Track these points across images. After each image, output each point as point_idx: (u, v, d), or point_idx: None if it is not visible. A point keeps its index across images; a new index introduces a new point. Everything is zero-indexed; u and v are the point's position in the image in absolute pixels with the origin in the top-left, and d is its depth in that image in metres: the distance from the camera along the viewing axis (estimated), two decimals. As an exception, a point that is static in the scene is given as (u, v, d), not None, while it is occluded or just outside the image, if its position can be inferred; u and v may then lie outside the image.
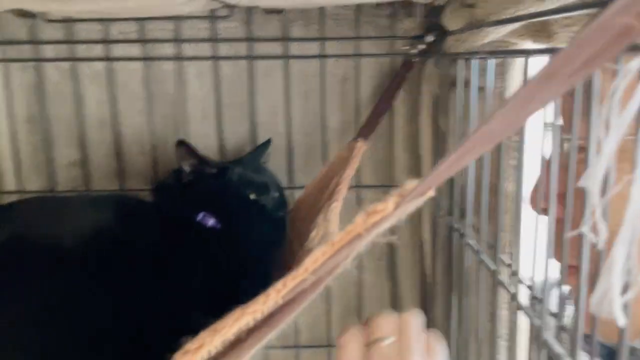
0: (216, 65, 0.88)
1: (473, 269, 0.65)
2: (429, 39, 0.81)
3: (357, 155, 0.75)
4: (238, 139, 0.91)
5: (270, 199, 0.75)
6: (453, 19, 0.74)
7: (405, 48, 0.84)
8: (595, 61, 0.23)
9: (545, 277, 0.46)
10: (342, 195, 0.68)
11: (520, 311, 0.52)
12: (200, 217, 0.69)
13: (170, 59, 0.88)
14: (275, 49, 0.88)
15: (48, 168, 0.89)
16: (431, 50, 0.83)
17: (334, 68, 0.89)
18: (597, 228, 0.31)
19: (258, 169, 0.80)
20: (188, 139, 0.89)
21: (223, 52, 0.88)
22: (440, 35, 0.80)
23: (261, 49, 0.88)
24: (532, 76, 0.24)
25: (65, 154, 0.90)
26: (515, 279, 0.54)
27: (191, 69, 0.88)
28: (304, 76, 0.89)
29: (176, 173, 0.77)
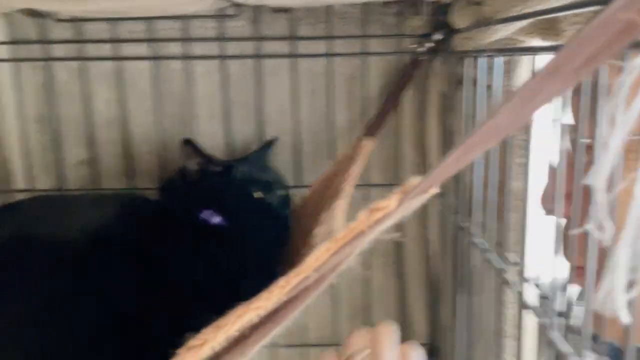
0: (224, 64, 0.88)
1: (480, 267, 0.65)
2: (437, 37, 0.81)
3: (364, 153, 0.75)
4: (245, 137, 0.91)
5: (275, 197, 0.75)
6: (460, 16, 0.73)
7: (412, 46, 0.84)
8: (598, 57, 0.23)
9: (553, 276, 0.46)
10: (348, 192, 0.68)
11: (527, 310, 0.52)
12: (205, 215, 0.70)
13: (178, 58, 0.88)
14: (283, 48, 0.88)
15: (57, 167, 0.90)
16: (439, 48, 0.83)
17: (342, 67, 0.89)
18: (603, 226, 0.31)
19: (263, 167, 0.80)
20: (196, 137, 0.89)
21: (230, 51, 0.88)
22: (448, 33, 0.80)
23: (268, 48, 0.88)
24: (536, 72, 0.24)
25: (74, 153, 0.91)
26: (522, 277, 0.53)
27: (199, 68, 0.89)
28: (311, 75, 0.89)
29: (182, 171, 0.77)
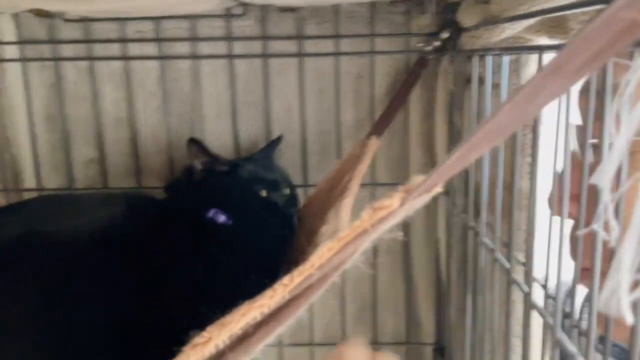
0: (231, 63, 0.88)
1: (488, 267, 0.65)
2: (444, 35, 0.81)
3: (370, 152, 0.75)
4: (253, 136, 0.91)
5: (280, 196, 0.76)
6: (468, 15, 0.73)
7: (420, 45, 0.83)
8: (601, 56, 0.23)
9: (559, 276, 0.45)
10: (354, 191, 0.68)
11: (534, 310, 0.51)
12: (211, 214, 0.70)
13: (186, 58, 0.88)
14: (290, 47, 0.88)
15: (66, 166, 0.91)
16: (446, 47, 0.82)
17: (349, 66, 0.89)
18: (609, 226, 0.31)
19: (269, 166, 0.80)
20: (203, 137, 0.90)
21: (238, 51, 0.88)
22: (455, 31, 0.80)
23: (276, 47, 0.88)
24: (538, 71, 0.24)
25: (83, 152, 0.91)
26: (529, 278, 0.53)
27: (206, 67, 0.89)
28: (318, 74, 0.89)
29: (188, 170, 0.77)
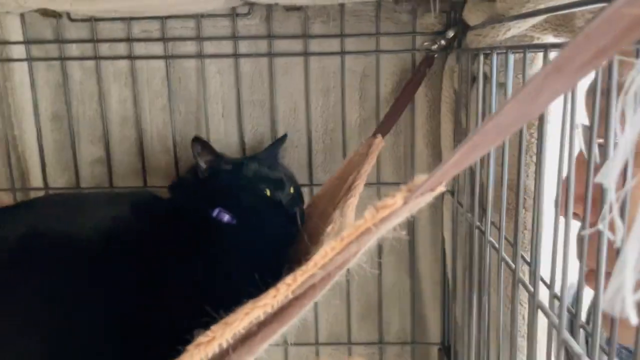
0: (236, 62, 0.88)
1: (493, 267, 0.65)
2: (450, 34, 0.80)
3: (375, 151, 0.75)
4: (258, 136, 0.91)
5: (285, 195, 0.75)
6: (474, 13, 0.73)
7: (425, 44, 0.83)
8: (604, 54, 0.23)
9: (564, 276, 0.45)
10: (359, 190, 0.68)
11: (540, 310, 0.51)
12: (216, 213, 0.70)
13: (192, 57, 0.89)
14: (295, 46, 0.88)
15: (72, 165, 0.91)
16: (451, 45, 0.82)
17: (354, 65, 0.89)
18: (614, 225, 0.31)
19: (274, 165, 0.80)
20: (209, 136, 0.90)
21: (243, 50, 0.88)
22: (461, 30, 0.79)
23: (281, 46, 0.88)
24: (540, 69, 0.24)
25: (89, 152, 0.92)
26: (534, 277, 0.53)
27: (212, 66, 0.89)
28: (323, 73, 0.89)
29: (192, 170, 0.77)
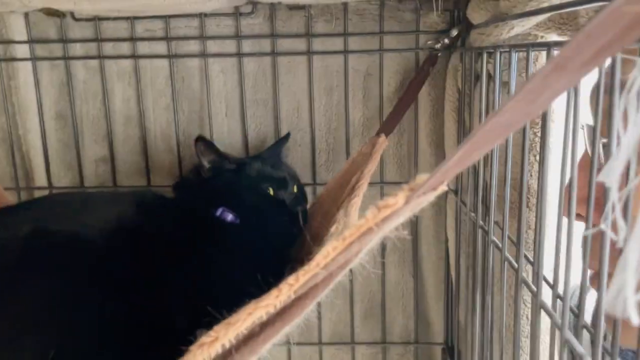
0: (240, 61, 0.88)
1: (497, 266, 0.64)
2: (453, 33, 0.80)
3: (379, 150, 0.75)
4: (262, 135, 0.91)
5: (288, 194, 0.75)
6: (477, 12, 0.72)
7: (429, 43, 0.83)
8: (606, 52, 0.22)
9: (567, 276, 0.45)
10: (363, 190, 0.68)
11: (543, 310, 0.51)
12: (219, 213, 0.70)
13: (195, 56, 0.89)
14: (299, 45, 0.88)
15: (76, 164, 0.91)
16: (455, 44, 0.82)
17: (357, 64, 0.88)
18: (617, 225, 0.30)
19: (277, 164, 0.80)
20: (212, 135, 0.90)
21: (247, 49, 0.88)
22: (464, 29, 0.79)
23: (284, 45, 0.88)
24: (541, 68, 0.24)
25: (93, 151, 0.92)
26: (537, 277, 0.53)
27: (215, 65, 0.89)
28: (327, 72, 0.89)
29: (196, 169, 0.77)
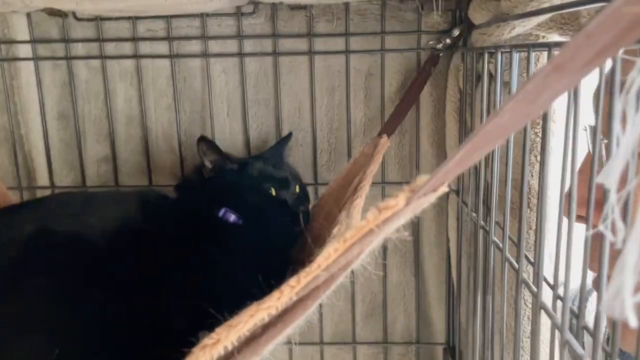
0: (241, 61, 0.88)
1: (498, 266, 0.64)
2: (455, 33, 0.80)
3: (381, 151, 0.74)
4: (263, 135, 0.91)
5: (290, 194, 0.75)
6: (479, 12, 0.72)
7: (431, 43, 0.83)
8: (606, 53, 0.22)
9: (567, 277, 0.45)
10: (365, 191, 0.68)
11: (543, 310, 0.51)
12: (222, 213, 0.70)
13: (197, 56, 0.89)
14: (300, 45, 0.88)
15: (78, 164, 0.92)
16: (457, 44, 0.82)
17: (359, 64, 0.88)
18: (616, 227, 0.30)
19: (279, 164, 0.80)
20: (214, 135, 0.90)
21: (248, 49, 0.88)
22: (466, 29, 0.79)
23: (286, 45, 0.88)
24: (541, 68, 0.23)
25: (95, 151, 0.92)
26: (538, 278, 0.52)
27: (217, 65, 0.89)
28: (328, 72, 0.89)
29: (198, 169, 0.77)
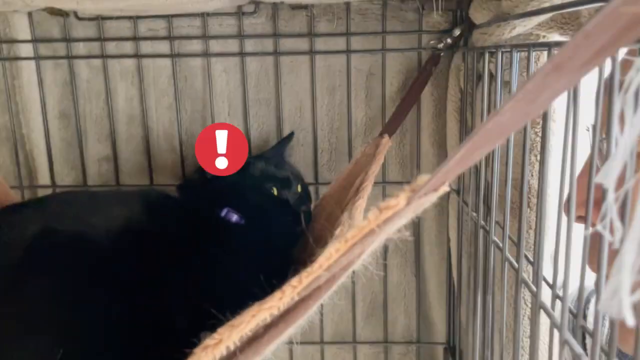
0: (242, 61, 0.89)
1: (498, 266, 0.64)
2: (456, 32, 0.80)
3: (383, 151, 0.74)
4: (264, 134, 0.91)
5: (292, 194, 0.75)
6: (479, 12, 0.72)
7: (432, 42, 0.83)
8: (605, 52, 0.23)
9: (566, 276, 0.45)
10: (367, 192, 0.68)
11: (543, 310, 0.51)
12: (224, 213, 0.70)
13: (198, 56, 0.89)
14: (301, 45, 0.88)
15: (80, 163, 0.92)
16: (458, 44, 0.82)
17: (360, 63, 0.89)
18: (614, 226, 0.30)
19: (281, 163, 0.80)
20: (215, 134, 0.90)
21: (249, 48, 0.88)
22: (467, 29, 0.79)
23: (287, 45, 0.88)
24: (540, 67, 0.24)
25: (96, 150, 0.92)
26: (537, 277, 0.53)
27: (218, 65, 0.89)
28: (329, 72, 0.89)
29: (200, 169, 0.77)
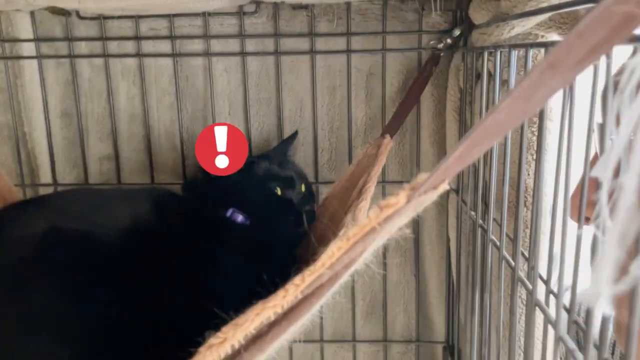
0: (243, 60, 0.89)
1: (495, 265, 0.65)
2: (456, 33, 0.81)
3: (385, 151, 0.75)
4: (265, 134, 0.92)
5: (296, 193, 0.75)
6: (479, 12, 0.73)
7: (432, 42, 0.83)
8: (599, 50, 0.23)
9: (561, 274, 0.45)
10: (370, 193, 0.68)
11: (538, 307, 0.51)
12: (229, 214, 0.70)
13: (199, 55, 0.89)
14: (302, 45, 0.89)
15: (81, 162, 0.92)
16: (458, 44, 0.82)
17: (360, 63, 0.89)
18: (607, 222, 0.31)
19: (284, 163, 0.80)
20: (215, 133, 0.91)
21: (250, 48, 0.89)
22: (467, 29, 0.80)
23: (288, 45, 0.89)
24: (534, 67, 0.24)
25: (98, 149, 0.93)
26: (533, 275, 0.53)
27: (219, 64, 0.90)
28: (330, 71, 0.90)
29: (202, 168, 0.77)
